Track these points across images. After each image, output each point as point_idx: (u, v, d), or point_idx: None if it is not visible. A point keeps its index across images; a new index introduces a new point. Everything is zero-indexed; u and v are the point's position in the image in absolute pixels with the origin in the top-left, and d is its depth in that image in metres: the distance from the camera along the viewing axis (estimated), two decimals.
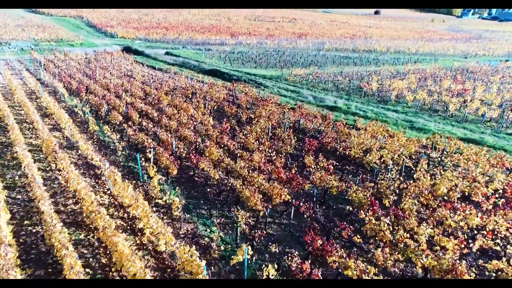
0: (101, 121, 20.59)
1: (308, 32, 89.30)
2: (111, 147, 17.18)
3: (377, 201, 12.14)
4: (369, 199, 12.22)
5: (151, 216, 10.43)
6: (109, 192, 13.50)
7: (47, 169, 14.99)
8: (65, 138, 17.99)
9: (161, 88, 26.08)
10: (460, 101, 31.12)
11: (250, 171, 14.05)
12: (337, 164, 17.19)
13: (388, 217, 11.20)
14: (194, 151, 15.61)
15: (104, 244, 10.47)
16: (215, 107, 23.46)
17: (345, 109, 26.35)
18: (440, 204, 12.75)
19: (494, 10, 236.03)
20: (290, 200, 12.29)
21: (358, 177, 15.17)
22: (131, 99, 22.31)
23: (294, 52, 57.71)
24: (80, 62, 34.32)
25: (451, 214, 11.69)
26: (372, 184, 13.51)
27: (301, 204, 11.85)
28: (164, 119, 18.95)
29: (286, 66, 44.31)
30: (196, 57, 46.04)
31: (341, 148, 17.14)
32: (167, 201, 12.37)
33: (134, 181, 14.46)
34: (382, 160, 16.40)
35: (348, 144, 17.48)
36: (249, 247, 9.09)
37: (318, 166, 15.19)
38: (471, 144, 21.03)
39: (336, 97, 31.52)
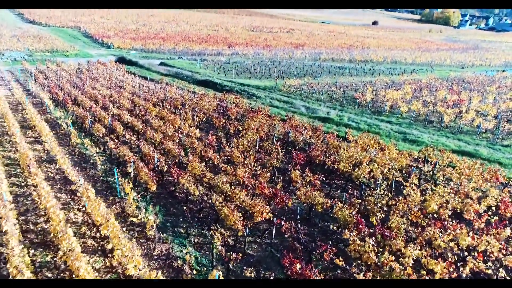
0: (85, 133, 20.07)
1: (305, 43, 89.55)
2: (91, 160, 16.62)
3: (363, 220, 11.54)
4: (354, 217, 11.63)
5: (122, 236, 9.82)
6: (84, 209, 12.90)
7: (22, 184, 14.41)
8: (46, 151, 17.44)
9: (150, 99, 25.65)
10: (455, 112, 30.69)
11: (233, 187, 13.47)
12: (326, 178, 16.63)
13: (374, 237, 10.59)
14: (175, 166, 15.05)
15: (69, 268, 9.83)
16: (204, 119, 22.98)
17: (338, 120, 25.88)
18: (429, 222, 12.15)
19: (491, 21, 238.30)
20: (272, 218, 11.69)
21: (345, 193, 14.58)
22: (118, 110, 21.84)
23: (290, 63, 57.60)
24: (71, 72, 33.99)
25: (441, 234, 11.08)
26: (359, 200, 12.93)
27: (283, 222, 11.25)
28: (149, 131, 18.45)
29: (281, 76, 44.04)
30: (191, 67, 45.80)
31: (330, 162, 16.59)
32: (143, 219, 11.76)
33: (112, 197, 13.87)
34: (372, 175, 15.83)
35: (337, 157, 16.93)
36: (220, 272, 8.47)
37: (305, 181, 14.62)
38: (465, 157, 20.50)
39: (330, 108, 31.09)
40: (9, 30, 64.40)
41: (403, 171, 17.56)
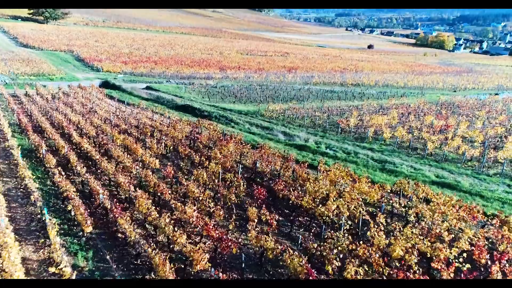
0: (40, 163, 18.89)
1: (298, 66, 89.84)
2: (32, 196, 15.32)
3: (314, 270, 10.16)
4: (305, 267, 10.23)
5: None
6: None
7: None
8: None
9: (120, 125, 24.62)
10: (441, 138, 29.58)
11: (176, 228, 12.13)
12: (290, 215, 15.29)
13: None
14: (121, 202, 13.75)
15: None
16: (172, 147, 21.84)
17: (314, 148, 24.73)
18: (392, 271, 10.75)
19: (485, 45, 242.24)
20: (209, 268, 10.30)
21: (301, 236, 13.20)
22: (79, 139, 20.73)
23: (278, 86, 57.15)
24: (47, 97, 33.19)
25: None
26: (315, 245, 11.56)
27: (221, 274, 9.85)
28: (104, 162, 17.25)
29: (266, 100, 43.31)
30: (176, 91, 45.19)
31: (293, 197, 15.28)
32: (64, 268, 10.35)
33: (44, 239, 12.49)
34: (338, 211, 14.48)
35: (301, 192, 15.64)
36: None
37: (262, 220, 13.29)
38: (445, 189, 19.26)
39: (311, 134, 30.03)
40: (0, 54, 64.47)
41: (376, 206, 16.24)
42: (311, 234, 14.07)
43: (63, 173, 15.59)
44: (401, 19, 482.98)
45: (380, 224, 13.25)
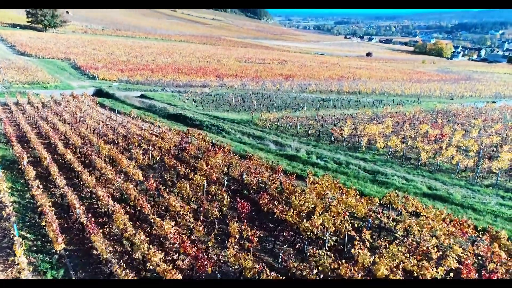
0: (20, 175, 18.42)
1: (296, 74, 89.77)
2: (6, 210, 14.84)
3: None
4: None
5: None
6: None
7: None
8: None
9: (107, 135, 24.21)
10: (435, 148, 29.16)
11: (152, 246, 11.64)
12: (273, 230, 14.79)
13: None
14: (96, 217, 13.28)
15: None
16: (158, 158, 21.40)
17: (305, 158, 24.28)
18: None
19: (483, 52, 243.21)
20: None
21: (281, 254, 12.69)
22: (64, 149, 20.31)
23: (274, 95, 56.91)
24: (38, 106, 32.87)
25: None
26: (295, 264, 11.07)
27: None
28: (85, 174, 16.80)
29: (261, 109, 43.00)
30: (170, 100, 44.89)
31: (278, 211, 14.80)
32: None
33: (13, 257, 11.98)
34: (324, 227, 14.00)
35: (287, 205, 15.17)
36: None
37: (243, 237, 12.80)
38: (437, 201, 18.78)
39: (303, 144, 29.62)
40: None
41: (364, 220, 15.75)
42: (295, 250, 13.56)
43: (40, 186, 15.13)
44: (400, 27, 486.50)
45: (366, 241, 12.77)
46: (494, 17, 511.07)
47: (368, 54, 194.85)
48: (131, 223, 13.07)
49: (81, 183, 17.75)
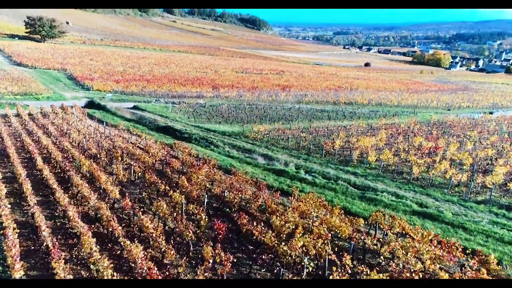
0: None
1: (293, 84, 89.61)
2: None
3: None
4: None
5: None
6: None
7: None
8: None
9: (91, 149, 23.63)
10: (428, 161, 28.52)
11: (117, 273, 10.93)
12: (252, 252, 14.07)
13: None
14: (62, 240, 12.59)
15: None
16: (140, 173, 20.76)
17: (293, 173, 23.61)
18: None
19: (481, 63, 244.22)
20: None
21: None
22: (43, 165, 19.70)
23: (268, 106, 56.51)
24: (26, 118, 32.37)
25: None
26: None
27: None
28: (59, 192, 16.16)
29: (254, 121, 42.51)
30: (162, 111, 44.44)
31: (257, 232, 14.11)
32: None
33: None
34: (303, 250, 13.28)
35: (266, 226, 14.48)
36: None
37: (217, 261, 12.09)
38: (426, 220, 18.07)
39: (294, 157, 29.00)
40: None
41: (348, 242, 15.02)
42: (273, 275, 12.83)
43: (8, 205, 14.47)
44: (398, 37, 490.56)
45: (347, 266, 12.05)
46: (492, 27, 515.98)
47: (367, 64, 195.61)
48: (99, 246, 12.38)
49: (56, 201, 17.10)
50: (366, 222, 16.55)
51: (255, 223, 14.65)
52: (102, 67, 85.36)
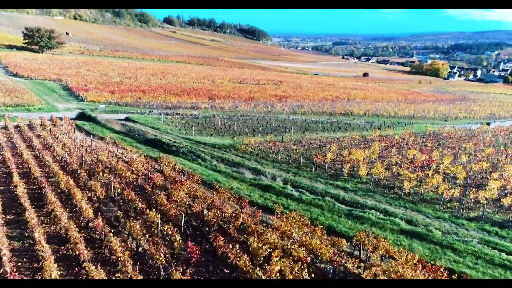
0: None
1: (290, 95, 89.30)
2: None
3: None
4: None
5: None
6: None
7: None
8: None
9: (72, 164, 23.02)
10: (420, 176, 27.85)
11: None
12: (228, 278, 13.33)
13: None
14: (13, 268, 11.89)
15: None
16: (119, 190, 20.09)
17: (280, 189, 22.94)
18: None
19: (479, 73, 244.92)
20: None
21: None
22: (18, 181, 19.06)
23: (263, 117, 56.07)
24: (11, 131, 31.84)
25: None
26: None
27: None
28: (29, 211, 15.49)
29: (246, 132, 41.95)
30: (154, 123, 43.94)
31: (233, 255, 13.39)
32: None
33: None
34: (280, 275, 12.56)
35: (247, 247, 13.78)
36: None
37: None
38: (415, 239, 17.34)
39: (283, 171, 28.35)
40: None
41: (331, 264, 14.29)
42: None
43: None
44: (397, 47, 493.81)
45: None
46: (490, 38, 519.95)
47: (365, 75, 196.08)
48: (65, 270, 11.69)
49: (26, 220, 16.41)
50: (350, 243, 15.84)
51: (231, 245, 13.94)
52: (98, 78, 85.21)
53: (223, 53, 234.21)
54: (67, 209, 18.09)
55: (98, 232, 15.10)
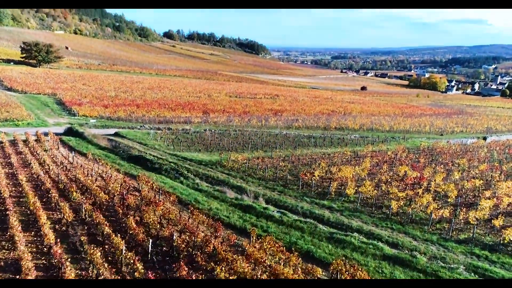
0: None
1: (286, 109, 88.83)
2: None
3: None
4: None
5: None
6: None
7: None
8: None
9: (45, 183, 22.18)
10: (410, 194, 26.92)
11: None
12: None
13: None
14: None
15: None
16: (90, 212, 19.18)
17: (261, 209, 22.00)
18: None
19: (477, 86, 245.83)
20: None
21: None
22: None
23: (255, 132, 55.36)
24: None
25: None
26: None
27: None
28: None
29: (235, 148, 41.18)
30: (143, 138, 43.22)
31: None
32: None
33: None
34: None
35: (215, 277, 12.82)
36: None
37: None
38: (398, 266, 16.34)
39: (268, 189, 27.45)
40: None
41: None
42: None
43: None
44: (395, 61, 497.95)
45: None
46: (487, 52, 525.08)
47: (363, 88, 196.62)
48: None
49: None
50: (327, 270, 14.86)
51: (196, 275, 12.98)
52: (93, 92, 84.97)
53: (222, 67, 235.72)
54: (32, 233, 17.22)
55: (55, 261, 14.14)
